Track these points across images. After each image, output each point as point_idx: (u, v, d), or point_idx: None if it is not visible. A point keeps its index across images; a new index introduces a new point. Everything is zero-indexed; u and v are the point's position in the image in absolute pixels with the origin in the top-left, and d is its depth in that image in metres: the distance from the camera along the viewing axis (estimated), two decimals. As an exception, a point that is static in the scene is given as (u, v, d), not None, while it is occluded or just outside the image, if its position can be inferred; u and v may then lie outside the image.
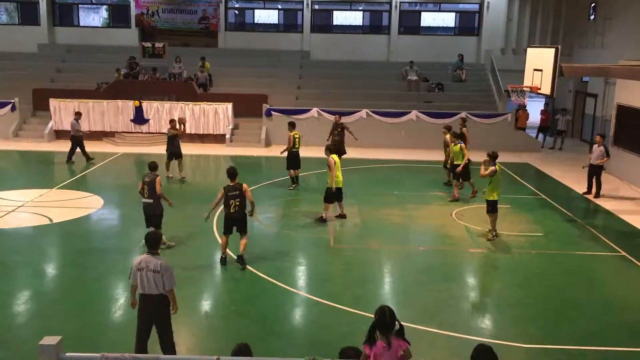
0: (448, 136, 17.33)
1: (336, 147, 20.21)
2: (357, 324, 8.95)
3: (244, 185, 10.92)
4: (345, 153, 20.52)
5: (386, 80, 27.54)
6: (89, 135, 23.72)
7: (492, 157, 12.86)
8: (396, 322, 5.71)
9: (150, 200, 11.48)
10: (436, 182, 18.07)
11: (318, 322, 9.26)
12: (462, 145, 16.23)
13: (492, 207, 12.93)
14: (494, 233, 12.99)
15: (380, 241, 13.05)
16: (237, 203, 10.82)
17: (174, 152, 17.80)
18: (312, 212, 14.59)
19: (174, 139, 17.67)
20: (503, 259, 12.11)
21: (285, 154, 17.15)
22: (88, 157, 20.08)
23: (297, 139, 17.11)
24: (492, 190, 12.86)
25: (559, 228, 14.23)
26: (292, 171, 17.14)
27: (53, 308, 9.45)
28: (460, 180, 16.27)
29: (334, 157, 13.87)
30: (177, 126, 17.90)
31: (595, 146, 16.87)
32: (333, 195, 13.92)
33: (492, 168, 12.76)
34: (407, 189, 17.53)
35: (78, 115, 20.79)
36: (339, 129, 19.99)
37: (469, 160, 16.06)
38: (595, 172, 16.87)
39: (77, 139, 20.11)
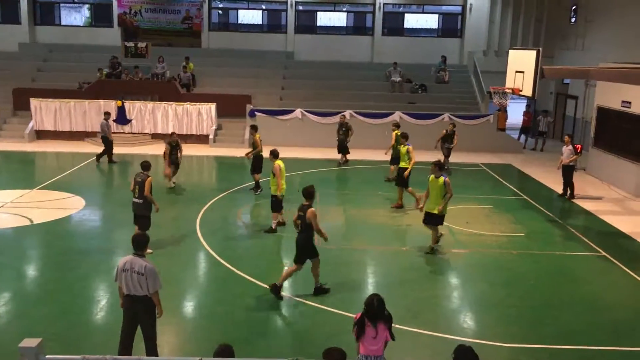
0: (395, 133, 17.55)
1: (339, 145, 20.47)
2: (341, 325, 8.97)
3: (309, 210, 9.77)
4: (348, 152, 20.62)
5: (370, 81, 27.63)
6: (70, 136, 23.61)
7: (439, 166, 12.01)
8: (385, 310, 5.90)
9: (140, 201, 11.37)
10: (420, 184, 18.09)
11: (302, 323, 9.27)
12: (410, 147, 15.66)
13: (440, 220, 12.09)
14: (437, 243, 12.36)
15: (365, 241, 13.09)
16: (300, 224, 9.95)
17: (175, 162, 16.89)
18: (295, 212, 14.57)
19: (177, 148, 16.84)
20: (485, 259, 12.20)
21: (251, 156, 16.13)
22: (98, 159, 20.07)
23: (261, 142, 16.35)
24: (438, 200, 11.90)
25: (540, 228, 14.38)
26: (257, 175, 16.34)
27: (34, 310, 9.33)
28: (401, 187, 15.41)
29: (279, 163, 13.06)
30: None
31: (564, 147, 17.10)
32: (280, 203, 13.22)
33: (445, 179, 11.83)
34: (392, 189, 17.57)
35: (107, 115, 20.65)
36: (344, 129, 20.24)
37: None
38: (567, 173, 17.08)
39: (107, 139, 19.97)
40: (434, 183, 11.91)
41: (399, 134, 17.07)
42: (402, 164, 15.66)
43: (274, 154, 13.25)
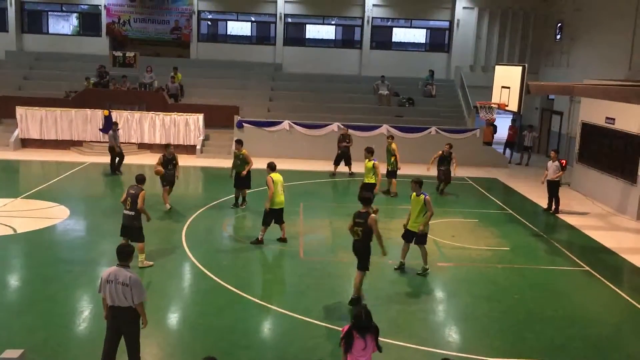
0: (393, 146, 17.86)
1: (341, 157, 20.52)
2: (325, 337, 8.96)
3: (371, 217, 9.81)
4: (351, 164, 20.69)
5: (358, 94, 27.77)
6: (55, 144, 23.45)
7: (419, 183, 11.88)
8: (372, 322, 5.97)
9: (132, 213, 11.18)
10: (407, 197, 18.19)
11: (286, 335, 9.23)
12: (377, 163, 15.57)
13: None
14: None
15: (350, 254, 13.05)
16: (360, 231, 9.90)
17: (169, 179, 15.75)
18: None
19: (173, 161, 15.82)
20: (470, 272, 12.26)
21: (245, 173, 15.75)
22: (116, 170, 20.02)
23: None
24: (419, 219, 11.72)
25: (524, 242, 14.48)
26: (246, 190, 16.17)
27: (16, 320, 9.23)
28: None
29: (274, 175, 12.82)
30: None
31: (549, 162, 17.28)
32: (270, 216, 12.94)
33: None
34: (377, 202, 17.63)
35: (116, 125, 20.61)
36: (347, 140, 20.34)
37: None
38: (552, 188, 17.24)
39: (113, 150, 19.88)
40: (414, 201, 11.76)
41: (395, 147, 17.16)
42: (368, 179, 15.73)
43: (271, 167, 13.09)
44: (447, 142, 19.97)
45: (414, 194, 11.81)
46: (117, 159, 20.18)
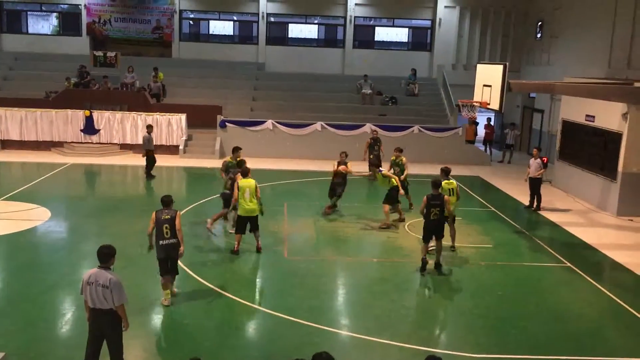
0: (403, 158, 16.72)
1: (374, 161, 19.96)
2: (310, 336, 8.96)
3: (446, 197, 12.02)
4: (381, 166, 20.33)
5: (341, 93, 27.80)
6: (36, 145, 23.18)
7: (445, 171, 13.25)
8: None
9: (174, 240, 9.68)
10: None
11: (271, 335, 9.21)
12: (385, 172, 15.28)
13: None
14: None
15: (334, 253, 13.11)
16: (437, 211, 11.66)
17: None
18: (266, 223, 14.56)
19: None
20: (454, 270, 12.32)
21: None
22: (149, 173, 19.43)
23: None
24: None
25: (507, 240, 14.59)
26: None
27: (-4, 324, 9.11)
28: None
29: (243, 181, 12.25)
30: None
31: (532, 159, 17.44)
32: (241, 224, 12.40)
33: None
34: (361, 201, 17.69)
35: (150, 128, 20.08)
36: (378, 144, 19.94)
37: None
38: (534, 185, 17.40)
39: (150, 154, 19.37)
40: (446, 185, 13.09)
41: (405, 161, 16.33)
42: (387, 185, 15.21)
43: (243, 172, 12.57)
44: (428, 140, 20.01)
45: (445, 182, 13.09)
46: (149, 162, 19.53)
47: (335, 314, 10.05)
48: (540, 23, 27.42)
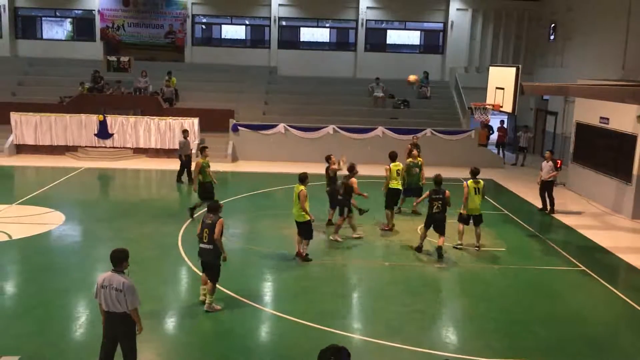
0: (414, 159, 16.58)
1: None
2: (321, 340, 8.94)
3: (447, 192, 13.04)
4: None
5: (353, 97, 27.78)
6: (50, 150, 23.40)
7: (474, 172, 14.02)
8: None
9: (210, 246, 9.78)
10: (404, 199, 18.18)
11: (283, 339, 9.22)
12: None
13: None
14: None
15: (346, 256, 13.09)
16: (439, 204, 12.91)
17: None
18: (279, 226, 14.59)
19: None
20: (466, 273, 12.27)
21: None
22: (180, 178, 19.37)
23: None
24: None
25: (521, 243, 14.50)
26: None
27: (12, 327, 9.19)
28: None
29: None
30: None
31: (544, 162, 17.32)
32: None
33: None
34: (373, 204, 17.61)
35: (186, 132, 20.08)
36: (419, 150, 19.66)
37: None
38: (546, 188, 17.28)
39: (187, 158, 19.29)
40: (472, 186, 13.87)
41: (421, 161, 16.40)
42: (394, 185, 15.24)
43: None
44: (440, 143, 19.62)
45: (471, 181, 13.83)
46: (183, 167, 19.52)
47: (347, 317, 10.03)
48: (553, 25, 27.26)
